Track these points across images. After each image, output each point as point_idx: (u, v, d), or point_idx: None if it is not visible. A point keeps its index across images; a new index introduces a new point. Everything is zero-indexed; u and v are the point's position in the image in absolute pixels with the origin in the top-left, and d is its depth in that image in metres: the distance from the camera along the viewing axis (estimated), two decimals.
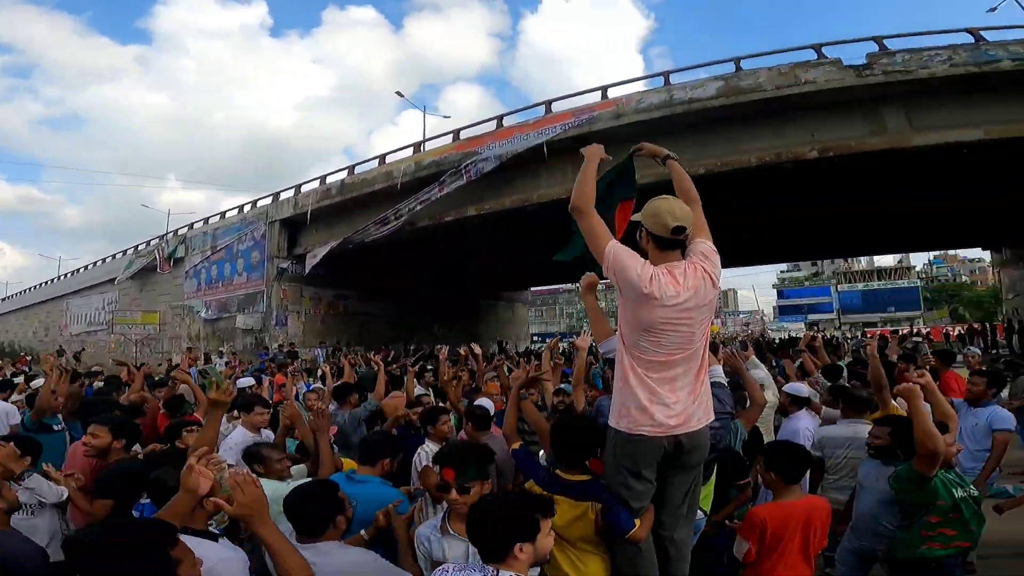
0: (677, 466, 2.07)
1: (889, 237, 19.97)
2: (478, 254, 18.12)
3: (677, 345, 1.99)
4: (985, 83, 9.11)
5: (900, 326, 34.04)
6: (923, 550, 2.60)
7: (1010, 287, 21.58)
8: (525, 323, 31.35)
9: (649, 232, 2.04)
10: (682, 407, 2.00)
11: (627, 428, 2.01)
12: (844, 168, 10.46)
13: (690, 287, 1.96)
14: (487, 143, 12.88)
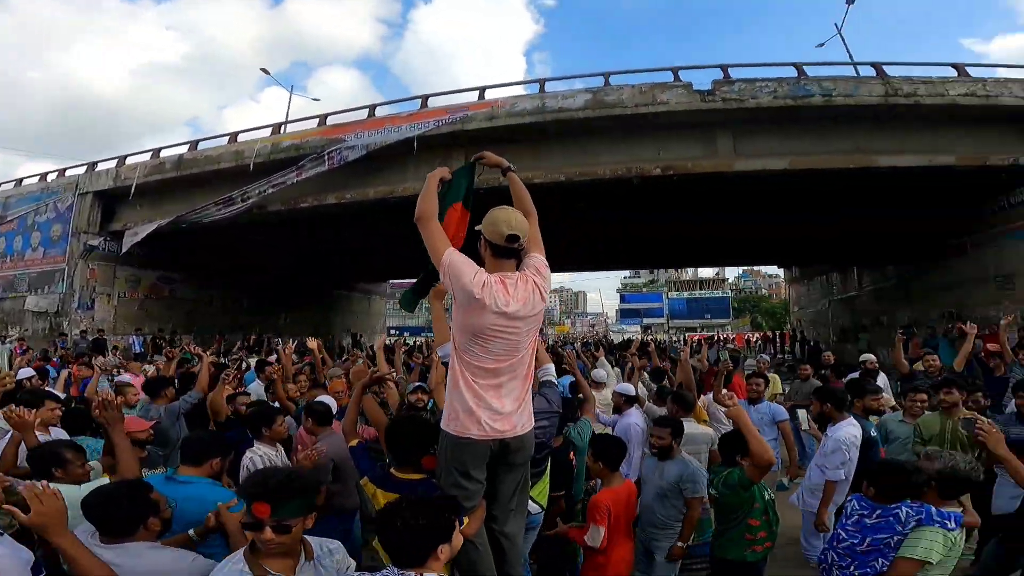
0: (504, 465, 2.19)
1: (711, 253, 22.95)
2: (335, 243, 17.09)
3: (504, 352, 2.08)
4: (796, 116, 10.37)
5: (714, 331, 39.27)
6: (747, 553, 2.93)
7: (796, 300, 26.13)
8: (382, 316, 30.39)
9: (487, 240, 2.12)
10: (508, 412, 2.10)
11: (456, 431, 2.09)
12: (681, 187, 11.54)
13: (520, 298, 2.05)
14: (356, 131, 12.34)
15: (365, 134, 12.21)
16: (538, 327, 2.23)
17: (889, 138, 10.20)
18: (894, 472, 2.43)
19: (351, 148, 12.10)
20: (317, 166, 12.23)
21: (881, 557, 2.30)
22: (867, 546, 2.34)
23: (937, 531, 2.23)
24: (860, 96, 9.89)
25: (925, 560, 2.21)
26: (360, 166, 12.20)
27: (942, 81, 9.87)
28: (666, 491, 3.17)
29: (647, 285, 65.43)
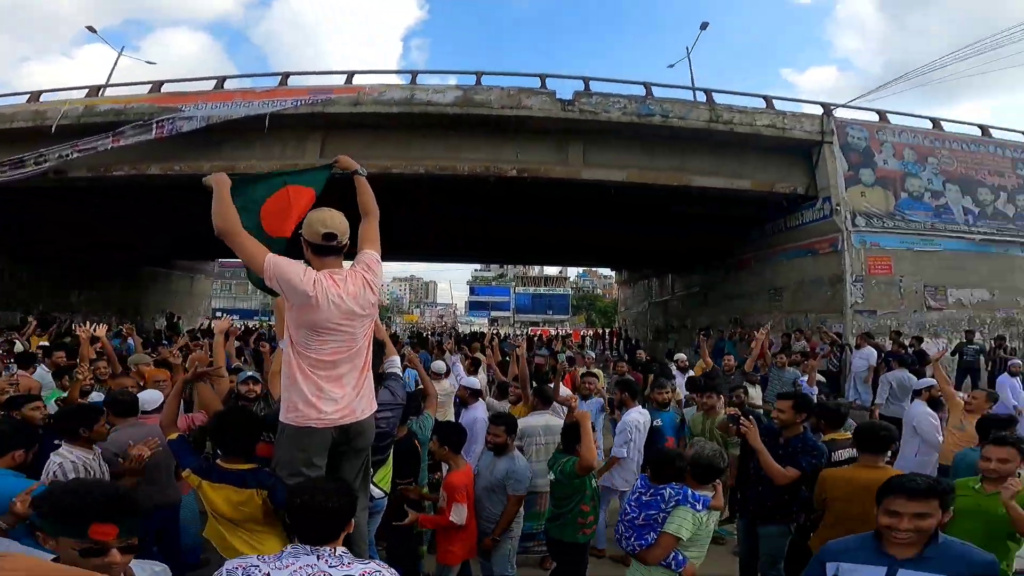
0: (346, 451, 2.29)
1: (557, 252, 24.59)
2: (151, 216, 15.01)
3: (341, 344, 2.17)
4: (638, 132, 11.44)
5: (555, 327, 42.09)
6: (579, 536, 3.32)
7: (624, 301, 29.15)
8: (207, 297, 27.23)
9: (306, 240, 2.23)
10: (347, 401, 2.20)
11: (296, 422, 2.15)
12: (535, 190, 12.28)
13: (350, 292, 2.16)
14: (197, 102, 11.17)
15: (209, 105, 11.12)
16: (372, 319, 2.35)
17: (705, 160, 11.77)
18: (662, 458, 2.87)
19: (188, 119, 10.95)
20: (141, 134, 10.87)
21: (651, 531, 2.66)
22: (642, 520, 2.70)
23: (688, 511, 2.61)
24: (690, 120, 11.26)
25: (677, 536, 2.58)
26: (196, 138, 11.09)
27: (753, 111, 11.55)
28: (494, 486, 3.32)
29: (496, 279, 67.50)
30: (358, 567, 1.62)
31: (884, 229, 11.42)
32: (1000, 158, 12.34)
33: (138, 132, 10.84)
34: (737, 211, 13.26)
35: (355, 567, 1.61)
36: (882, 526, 1.79)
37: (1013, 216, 11.99)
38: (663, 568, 2.62)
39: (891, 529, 1.76)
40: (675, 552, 2.62)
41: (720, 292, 16.24)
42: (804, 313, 12.27)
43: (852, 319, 10.91)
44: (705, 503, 2.67)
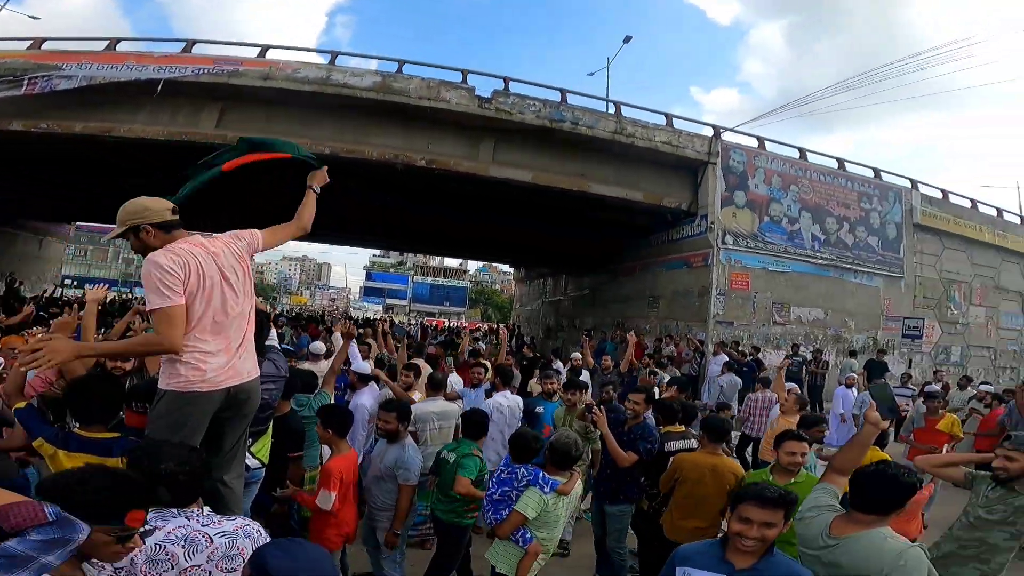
0: (230, 415, 2.28)
1: (460, 245, 24.77)
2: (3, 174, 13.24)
3: (222, 306, 2.19)
4: (549, 136, 11.91)
5: (451, 319, 42.20)
6: (465, 519, 3.45)
7: (519, 298, 30.00)
8: (59, 262, 23.98)
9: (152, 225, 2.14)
10: (232, 362, 2.21)
11: (179, 387, 2.11)
12: (443, 182, 12.34)
13: (212, 251, 2.20)
14: (83, 62, 10.25)
15: (94, 66, 10.23)
16: (249, 280, 2.35)
17: (606, 169, 12.55)
18: (519, 440, 3.10)
19: (67, 77, 10.10)
20: (8, 90, 9.95)
21: (506, 507, 2.86)
22: (499, 496, 2.91)
23: (536, 492, 2.80)
24: (597, 129, 11.93)
25: (523, 513, 2.76)
26: (71, 97, 10.21)
27: (654, 127, 12.44)
28: (384, 475, 3.33)
29: (395, 266, 66.12)
30: (229, 523, 1.68)
31: (747, 249, 12.96)
32: (849, 191, 14.27)
33: (6, 87, 9.92)
34: (629, 220, 14.31)
35: (226, 523, 1.67)
36: (732, 532, 1.83)
37: (851, 245, 14.02)
38: (512, 543, 2.83)
39: (741, 536, 1.79)
40: (523, 530, 2.80)
41: (607, 295, 17.38)
42: (675, 321, 13.60)
43: (713, 328, 12.31)
44: (553, 486, 2.85)
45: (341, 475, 3.06)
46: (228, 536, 1.64)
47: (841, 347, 13.59)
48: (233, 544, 1.63)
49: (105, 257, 50.51)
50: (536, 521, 2.82)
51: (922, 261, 15.04)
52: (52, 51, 10.71)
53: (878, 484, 2.03)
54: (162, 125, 10.85)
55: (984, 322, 16.03)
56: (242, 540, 1.64)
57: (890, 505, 2.04)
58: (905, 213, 14.78)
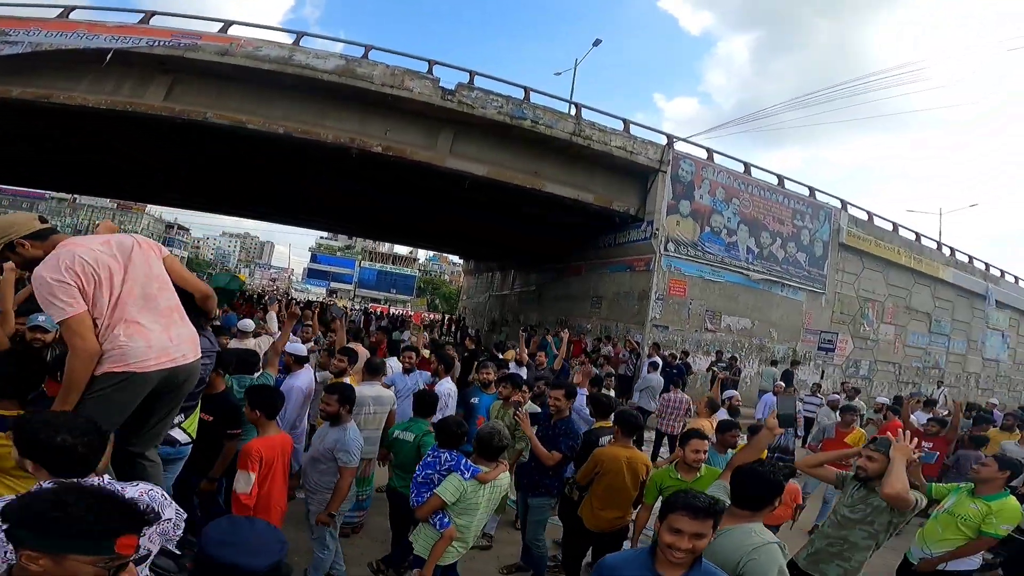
0: (163, 392, 2.27)
1: (410, 233, 24.50)
2: None
3: (138, 286, 2.17)
4: (508, 133, 12.02)
5: (396, 306, 41.71)
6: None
7: (467, 290, 30.08)
8: None
9: (25, 238, 2.13)
10: (168, 343, 2.21)
11: (114, 369, 2.09)
12: (398, 169, 12.24)
13: (106, 239, 2.19)
14: (31, 28, 9.82)
15: (43, 33, 9.80)
16: (158, 259, 2.32)
17: (560, 169, 12.78)
18: (444, 426, 3.18)
19: (12, 43, 9.68)
20: None
21: (428, 490, 2.95)
22: (422, 478, 3.01)
23: (456, 477, 2.90)
24: (556, 129, 12.12)
25: (442, 497, 2.84)
26: (11, 62, 9.77)
27: (611, 132, 12.72)
28: (321, 455, 3.34)
29: (343, 250, 64.55)
30: (132, 489, 1.58)
31: (687, 257, 13.57)
32: (785, 208, 15.10)
33: None
34: (578, 222, 14.67)
35: (129, 489, 1.57)
36: (663, 544, 1.78)
37: (781, 260, 14.90)
38: (430, 526, 2.91)
39: (672, 548, 1.76)
40: (441, 513, 2.88)
41: (552, 293, 17.77)
42: (615, 322, 14.09)
43: (650, 332, 12.86)
44: (474, 473, 2.94)
45: (261, 456, 2.95)
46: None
47: (764, 356, 14.48)
48: None
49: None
50: (455, 507, 2.89)
51: (843, 279, 16.18)
52: (0, 16, 10.09)
53: (752, 481, 2.25)
54: (105, 94, 10.38)
55: (892, 339, 17.42)
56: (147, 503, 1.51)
57: (761, 502, 2.22)
58: (833, 232, 15.81)
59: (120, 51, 9.96)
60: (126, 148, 13.41)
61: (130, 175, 16.47)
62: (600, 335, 13.68)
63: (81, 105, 10.32)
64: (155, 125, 11.08)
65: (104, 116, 10.72)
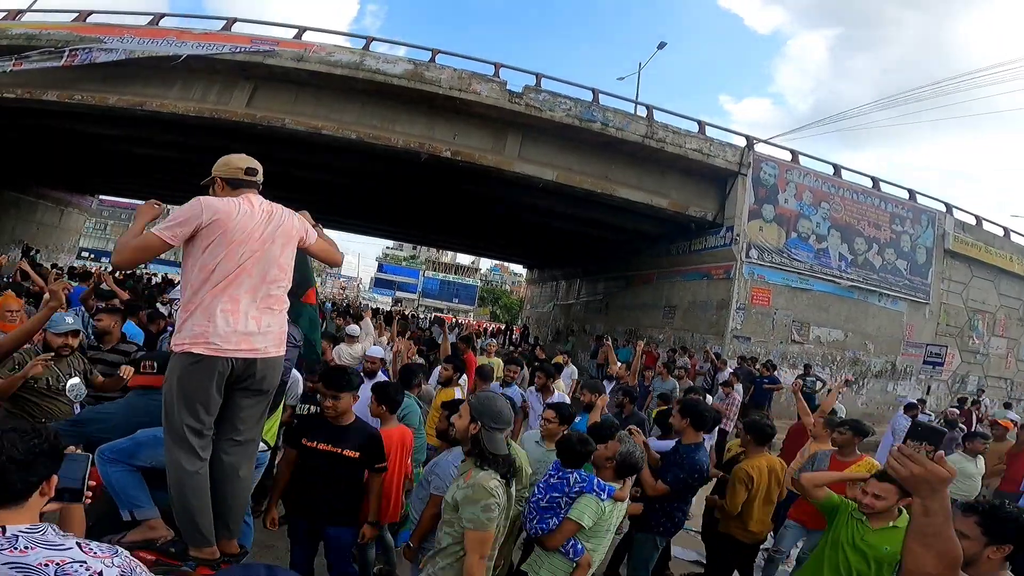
0: (243, 390, 2.06)
1: (475, 242, 24.67)
2: (33, 140, 13.45)
3: (252, 263, 2.01)
4: (577, 136, 11.70)
5: (459, 315, 42.11)
6: None
7: (530, 299, 29.83)
8: (77, 234, 24.18)
9: (220, 178, 2.14)
10: (251, 331, 2.01)
11: (186, 348, 1.95)
12: (466, 174, 12.18)
13: (265, 210, 2.09)
14: (125, 35, 10.48)
15: (136, 40, 10.42)
16: (290, 247, 2.17)
17: (630, 173, 12.31)
18: (568, 443, 2.79)
19: (108, 50, 10.25)
20: (48, 60, 10.19)
21: (553, 515, 2.61)
22: (546, 502, 2.64)
23: (592, 499, 2.58)
24: (627, 132, 11.65)
25: (579, 522, 2.52)
26: (105, 69, 10.38)
27: (685, 134, 12.13)
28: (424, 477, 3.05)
29: (407, 259, 66.15)
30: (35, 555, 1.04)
31: (772, 264, 12.65)
32: (881, 211, 13.87)
33: (45, 58, 10.18)
34: (649, 228, 14.08)
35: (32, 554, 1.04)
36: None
37: (878, 268, 13.65)
38: (560, 555, 2.57)
39: None
40: (574, 540, 2.56)
41: (620, 302, 17.15)
42: (691, 332, 13.33)
43: (730, 343, 12.04)
44: (610, 492, 2.65)
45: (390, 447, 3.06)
46: None
47: (858, 370, 13.27)
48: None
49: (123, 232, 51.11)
50: (589, 531, 2.60)
51: (949, 288, 14.65)
52: (96, 24, 10.90)
53: None
54: (194, 101, 10.94)
55: (1004, 353, 15.63)
56: None
57: None
58: (937, 238, 14.39)
59: (203, 57, 10.42)
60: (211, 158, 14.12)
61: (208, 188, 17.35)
62: (674, 346, 12.97)
63: (172, 112, 10.85)
64: (236, 134, 11.37)
65: (191, 125, 11.20)
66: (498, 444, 2.15)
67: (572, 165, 12.05)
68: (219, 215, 1.97)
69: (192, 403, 1.95)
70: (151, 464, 2.11)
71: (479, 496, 2.03)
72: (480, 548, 2.04)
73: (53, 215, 21.17)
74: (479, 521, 2.01)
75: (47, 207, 20.67)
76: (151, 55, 10.31)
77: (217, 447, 2.08)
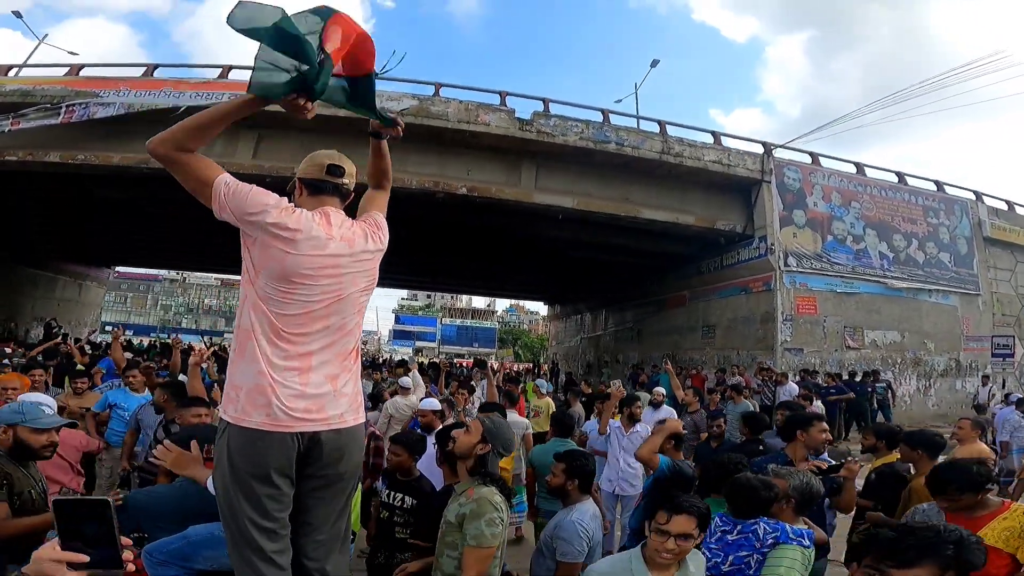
0: (314, 475, 1.59)
1: (489, 283, 24.32)
2: (42, 212, 13.41)
3: (322, 304, 1.59)
4: (591, 159, 11.30)
5: (482, 358, 41.48)
6: None
7: (555, 336, 29.21)
8: (98, 307, 24.28)
9: (301, 180, 1.81)
10: (317, 393, 1.56)
11: (236, 417, 1.51)
12: (482, 211, 11.93)
13: (344, 236, 1.67)
14: (120, 88, 10.26)
15: (132, 93, 10.16)
16: (370, 283, 1.76)
17: (650, 192, 11.95)
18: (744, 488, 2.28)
19: (105, 105, 9.98)
20: (45, 118, 9.85)
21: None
22: (730, 566, 2.19)
23: (796, 549, 2.16)
24: (643, 150, 11.33)
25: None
26: (106, 126, 10.07)
27: (702, 146, 11.83)
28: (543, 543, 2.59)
29: (423, 309, 66.25)
30: None
31: (812, 270, 12.08)
32: (913, 205, 13.39)
33: (43, 116, 9.86)
34: (674, 248, 13.62)
35: None
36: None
37: (922, 263, 13.03)
38: None
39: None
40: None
41: (653, 328, 16.52)
42: (735, 350, 12.63)
43: (782, 356, 11.32)
44: (811, 537, 2.21)
45: None
46: None
47: (922, 371, 12.44)
48: None
49: (144, 304, 51.74)
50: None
51: (996, 277, 13.95)
52: (90, 78, 10.69)
53: None
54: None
55: None
56: None
57: None
58: (974, 227, 13.83)
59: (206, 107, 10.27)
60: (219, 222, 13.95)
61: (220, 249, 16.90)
62: (720, 365, 12.28)
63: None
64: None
65: None
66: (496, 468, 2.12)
67: (590, 190, 11.73)
68: (286, 233, 1.55)
69: (254, 495, 1.48)
70: (212, 567, 1.65)
71: (484, 510, 1.95)
72: (479, 566, 1.90)
73: (72, 290, 21.27)
74: (483, 536, 1.91)
75: (66, 282, 20.79)
76: (150, 107, 9.97)
77: (297, 549, 1.57)
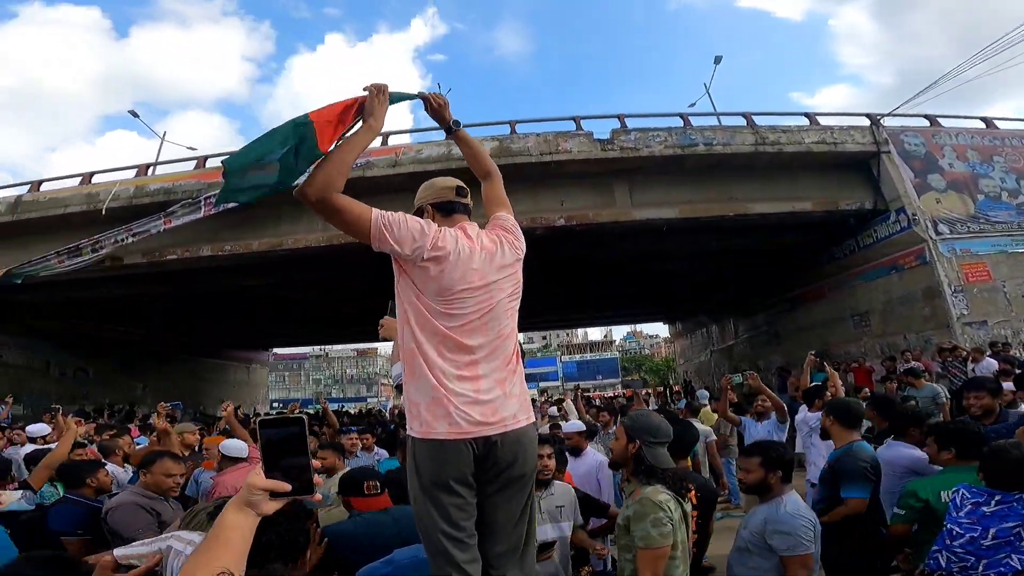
0: (493, 479, 1.63)
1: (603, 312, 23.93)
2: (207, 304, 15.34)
3: (478, 315, 1.67)
4: (682, 164, 10.96)
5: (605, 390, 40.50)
6: None
7: (681, 354, 27.84)
8: (264, 386, 27.52)
9: (433, 205, 1.88)
10: (489, 399, 1.62)
11: (420, 433, 1.60)
12: (584, 238, 11.80)
13: (485, 246, 1.76)
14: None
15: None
16: (517, 289, 1.82)
17: (754, 186, 11.19)
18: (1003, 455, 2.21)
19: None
20: (190, 213, 10.59)
21: (1014, 552, 2.04)
22: (992, 539, 2.09)
23: None
24: (735, 145, 10.78)
25: None
26: (238, 215, 10.80)
27: (799, 129, 11.03)
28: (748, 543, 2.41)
29: (541, 350, 66.64)
30: None
31: (971, 233, 10.49)
32: None
33: (187, 211, 10.64)
34: (793, 239, 12.55)
35: None
36: None
37: None
38: None
39: None
40: None
41: (792, 327, 15.15)
42: (900, 334, 11.09)
43: (962, 332, 9.75)
44: None
45: None
46: None
47: None
48: None
49: (299, 380, 57.74)
50: None
51: None
52: (214, 168, 11.41)
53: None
54: (319, 231, 11.03)
55: None
56: None
57: None
58: None
59: None
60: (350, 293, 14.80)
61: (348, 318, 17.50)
62: (883, 354, 10.86)
63: (306, 246, 11.06)
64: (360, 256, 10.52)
65: (324, 259, 11.43)
66: (662, 459, 2.06)
67: (689, 197, 11.25)
68: (442, 252, 1.66)
69: (441, 505, 1.57)
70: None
71: (648, 511, 1.94)
72: (652, 566, 1.89)
73: (242, 373, 24.36)
74: (650, 538, 1.91)
75: (236, 366, 23.89)
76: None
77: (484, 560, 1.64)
